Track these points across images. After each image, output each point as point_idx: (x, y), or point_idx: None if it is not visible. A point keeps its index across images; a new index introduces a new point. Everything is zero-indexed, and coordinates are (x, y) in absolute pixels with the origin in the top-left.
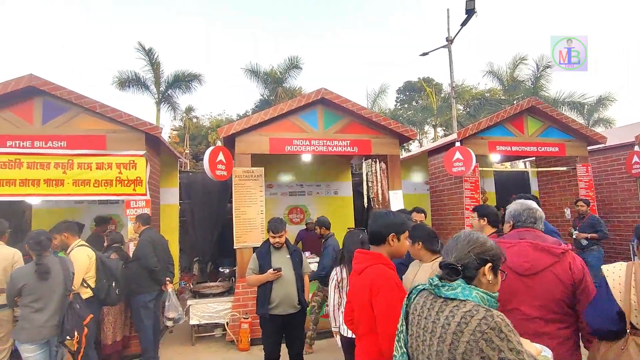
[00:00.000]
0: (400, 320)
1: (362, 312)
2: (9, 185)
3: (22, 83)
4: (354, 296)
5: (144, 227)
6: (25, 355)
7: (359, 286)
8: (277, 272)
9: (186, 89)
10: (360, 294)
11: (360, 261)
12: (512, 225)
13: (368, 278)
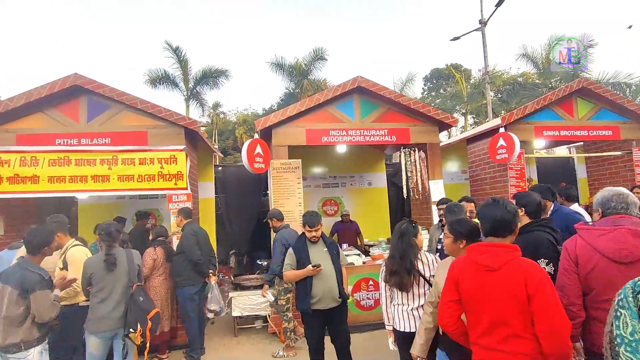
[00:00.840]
0: None
1: (511, 311)
2: (59, 181)
3: (67, 82)
4: (488, 295)
5: (186, 220)
6: (90, 348)
7: (502, 283)
8: (317, 268)
9: (213, 85)
10: (505, 292)
11: (496, 254)
12: (602, 213)
13: (519, 273)
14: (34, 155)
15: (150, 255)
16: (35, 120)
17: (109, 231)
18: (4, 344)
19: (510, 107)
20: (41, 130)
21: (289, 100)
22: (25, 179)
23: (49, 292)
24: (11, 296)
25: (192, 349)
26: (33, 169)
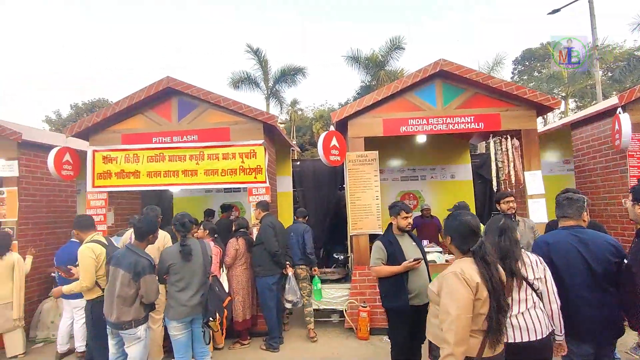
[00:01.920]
0: None
1: None
2: (156, 176)
3: (161, 85)
4: None
5: (264, 213)
6: (172, 332)
7: None
8: (418, 262)
9: (291, 83)
10: None
11: None
12: None
13: None
14: (136, 153)
15: (232, 246)
16: (136, 121)
17: (182, 222)
18: (119, 321)
19: (624, 86)
20: (141, 130)
21: (364, 93)
22: (129, 174)
23: (155, 277)
24: (124, 278)
25: (272, 338)
26: (135, 165)
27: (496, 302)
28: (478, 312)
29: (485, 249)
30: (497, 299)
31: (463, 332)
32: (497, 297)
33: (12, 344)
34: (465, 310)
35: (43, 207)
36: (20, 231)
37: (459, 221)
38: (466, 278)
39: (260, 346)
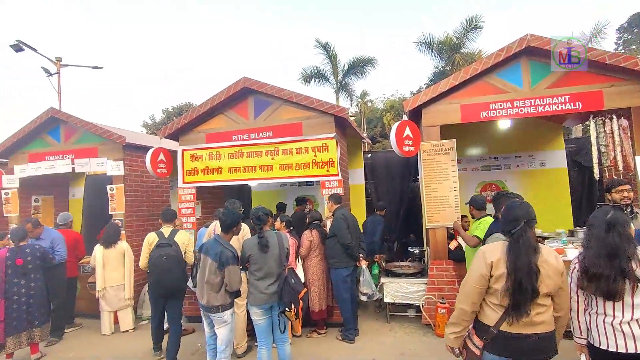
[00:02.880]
0: None
1: None
2: (236, 171)
3: (238, 86)
4: None
5: (336, 205)
6: (254, 317)
7: None
8: None
9: (361, 74)
10: None
11: None
12: None
13: None
14: (218, 151)
15: (307, 237)
16: (217, 121)
17: (257, 215)
18: (208, 304)
19: None
20: (222, 129)
21: (438, 79)
22: (212, 170)
23: (237, 267)
24: (211, 267)
25: (347, 329)
26: (217, 161)
27: (518, 283)
28: (492, 287)
29: (524, 235)
30: (519, 280)
31: (467, 295)
32: (520, 278)
33: (124, 320)
34: (473, 280)
35: (144, 202)
36: (127, 223)
37: (506, 207)
38: (485, 256)
39: (336, 336)
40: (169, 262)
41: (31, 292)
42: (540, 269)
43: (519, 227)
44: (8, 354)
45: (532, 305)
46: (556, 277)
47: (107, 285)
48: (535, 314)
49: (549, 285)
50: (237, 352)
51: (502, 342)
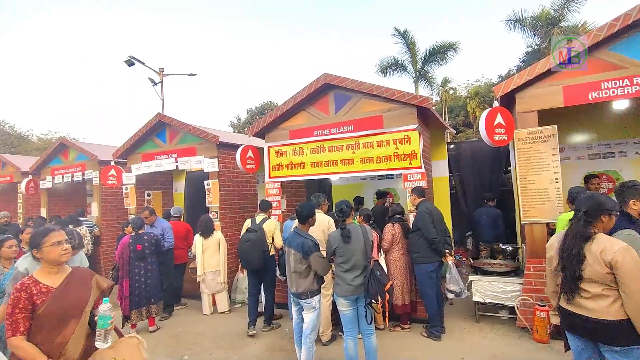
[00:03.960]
0: None
1: None
2: (318, 166)
3: (319, 82)
4: None
5: (419, 199)
6: (340, 308)
7: None
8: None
9: (442, 61)
10: None
11: None
12: None
13: None
14: (301, 146)
15: (389, 231)
16: (300, 117)
17: (340, 208)
18: (297, 291)
19: None
20: (304, 125)
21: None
22: (296, 165)
23: (320, 254)
24: (296, 257)
25: (433, 326)
26: (300, 157)
27: (562, 266)
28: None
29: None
30: (563, 263)
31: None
32: (563, 261)
33: (221, 302)
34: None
35: (235, 196)
36: (221, 214)
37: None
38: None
39: (421, 332)
40: (249, 245)
41: (148, 274)
42: (586, 256)
43: (577, 216)
44: (132, 324)
45: (578, 288)
46: (597, 266)
47: (206, 271)
48: (583, 297)
49: (590, 272)
50: (322, 339)
51: (562, 316)
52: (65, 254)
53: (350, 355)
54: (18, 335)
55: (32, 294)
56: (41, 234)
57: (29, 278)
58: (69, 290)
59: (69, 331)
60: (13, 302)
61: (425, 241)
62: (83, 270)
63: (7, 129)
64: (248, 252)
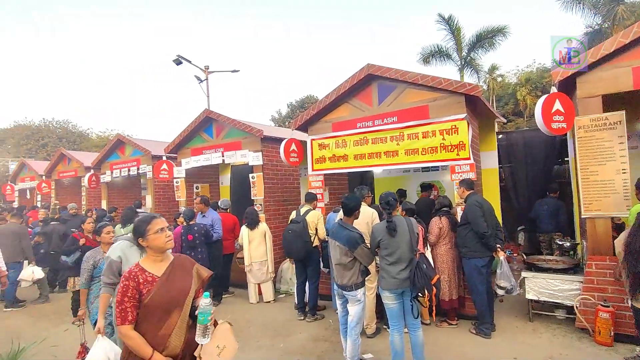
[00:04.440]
0: None
1: None
2: (361, 158)
3: (362, 73)
4: None
5: (468, 191)
6: (385, 301)
7: None
8: None
9: (489, 47)
10: None
11: None
12: None
13: None
14: (344, 139)
15: (436, 224)
16: (343, 110)
17: (387, 200)
18: (342, 283)
19: None
20: (347, 117)
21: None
22: (339, 158)
23: (365, 246)
24: (341, 250)
25: (482, 323)
26: (343, 149)
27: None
28: None
29: None
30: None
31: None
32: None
33: (267, 292)
34: None
35: (278, 188)
36: (266, 207)
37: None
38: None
39: (469, 329)
40: (292, 235)
41: (199, 263)
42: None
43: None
44: None
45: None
46: None
47: (253, 261)
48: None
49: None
50: (367, 332)
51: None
52: (170, 240)
53: (396, 349)
54: (127, 324)
55: (139, 282)
56: (145, 222)
57: (136, 266)
58: (172, 280)
59: (172, 322)
60: (122, 290)
61: (475, 235)
62: (184, 259)
63: (70, 128)
64: (291, 242)
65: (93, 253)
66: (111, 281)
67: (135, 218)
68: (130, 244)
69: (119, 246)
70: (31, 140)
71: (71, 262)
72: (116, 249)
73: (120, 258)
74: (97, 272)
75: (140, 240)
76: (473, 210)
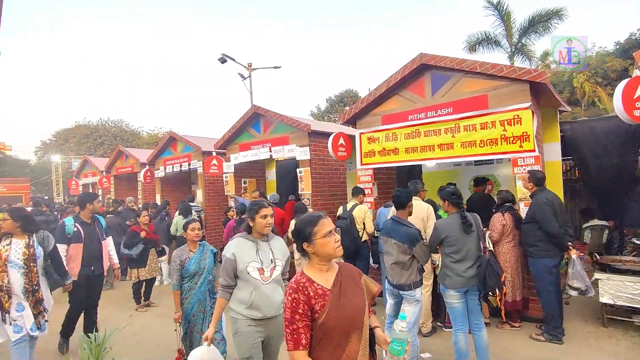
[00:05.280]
0: None
1: None
2: (412, 152)
3: (415, 63)
4: None
5: (536, 187)
6: (448, 300)
7: None
8: None
9: (543, 31)
10: None
11: None
12: None
13: None
14: (394, 132)
15: (499, 220)
16: (393, 102)
17: (455, 193)
18: (399, 283)
19: None
20: (398, 110)
21: None
22: (389, 151)
23: (425, 242)
24: (399, 247)
25: (552, 327)
26: (394, 143)
27: None
28: None
29: None
30: None
31: None
32: None
33: None
34: None
35: (326, 183)
36: (313, 201)
37: None
38: None
39: (534, 334)
40: (339, 232)
41: None
42: None
43: None
44: None
45: None
46: None
47: None
48: None
49: None
50: (423, 331)
51: None
52: (339, 246)
53: (460, 350)
54: (301, 349)
55: (309, 295)
56: (311, 223)
57: (302, 275)
58: (346, 294)
59: (353, 349)
60: (291, 306)
61: (544, 234)
62: (351, 268)
63: (124, 127)
64: None
65: (179, 252)
66: (226, 283)
67: (191, 210)
68: (245, 240)
69: (234, 243)
70: (90, 139)
71: (135, 254)
72: (231, 245)
73: (234, 255)
74: (185, 271)
75: (305, 245)
76: (544, 209)
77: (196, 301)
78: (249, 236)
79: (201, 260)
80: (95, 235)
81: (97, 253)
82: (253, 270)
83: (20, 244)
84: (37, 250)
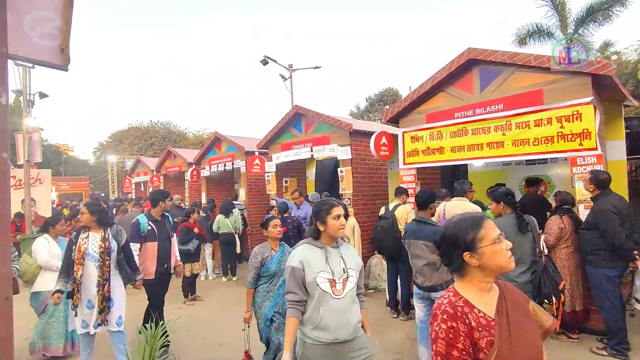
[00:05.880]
0: None
1: None
2: (459, 151)
3: (462, 59)
4: None
5: (599, 190)
6: None
7: None
8: None
9: (603, 20)
10: None
11: None
12: None
13: None
14: (439, 130)
15: (556, 224)
16: (438, 99)
17: (509, 193)
18: (429, 285)
19: None
20: (443, 107)
21: None
22: (434, 151)
23: None
24: (429, 248)
25: (616, 342)
26: (439, 141)
27: None
28: None
29: None
30: None
31: None
32: None
33: None
34: None
35: (367, 183)
36: (354, 201)
37: None
38: None
39: (594, 347)
40: (380, 232)
41: None
42: None
43: None
44: None
45: None
46: None
47: None
48: None
49: None
50: None
51: None
52: (511, 256)
53: None
54: None
55: (472, 327)
56: (473, 226)
57: (455, 295)
58: (519, 327)
59: None
60: (448, 338)
61: (604, 242)
62: (512, 289)
63: (172, 128)
64: (380, 239)
65: (261, 249)
66: (298, 297)
67: (232, 209)
68: (311, 247)
69: (300, 249)
70: (141, 140)
71: (192, 249)
72: (297, 253)
73: (302, 264)
74: (264, 270)
75: (468, 255)
76: (608, 217)
77: (274, 304)
78: (315, 242)
79: (282, 260)
80: (166, 233)
81: (169, 251)
82: (323, 282)
83: (97, 237)
84: (112, 243)
